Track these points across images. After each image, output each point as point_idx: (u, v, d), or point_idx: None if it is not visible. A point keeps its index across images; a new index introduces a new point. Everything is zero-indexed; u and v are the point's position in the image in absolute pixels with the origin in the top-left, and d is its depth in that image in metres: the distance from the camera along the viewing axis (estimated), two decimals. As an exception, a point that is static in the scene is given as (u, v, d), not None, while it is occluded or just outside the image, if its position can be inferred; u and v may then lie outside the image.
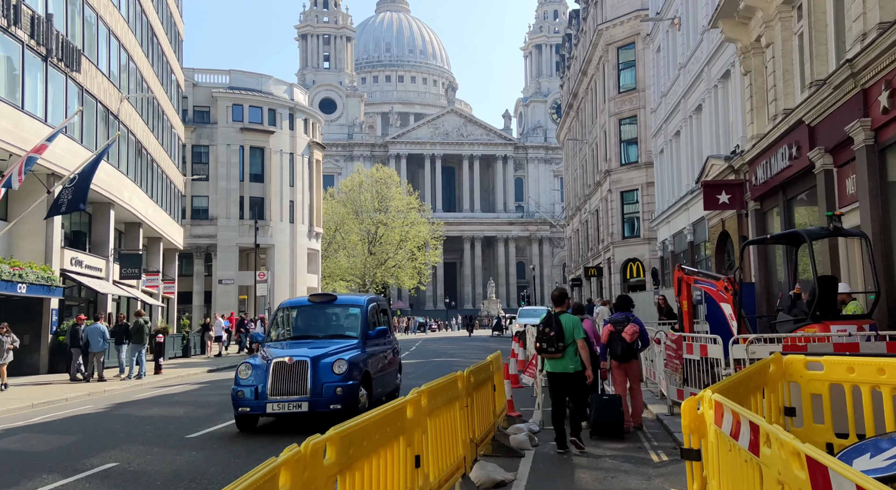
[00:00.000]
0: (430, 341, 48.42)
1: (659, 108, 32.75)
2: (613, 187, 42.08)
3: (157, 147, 41.67)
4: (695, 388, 11.97)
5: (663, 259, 33.77)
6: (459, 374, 8.30)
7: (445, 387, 7.38)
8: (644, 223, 39.95)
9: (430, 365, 25.60)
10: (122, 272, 33.55)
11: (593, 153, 49.10)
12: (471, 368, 8.85)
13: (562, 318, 9.58)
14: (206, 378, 24.46)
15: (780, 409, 7.76)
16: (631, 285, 40.54)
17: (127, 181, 34.59)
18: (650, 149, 38.72)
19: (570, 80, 59.89)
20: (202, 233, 59.28)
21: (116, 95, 33.14)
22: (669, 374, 13.10)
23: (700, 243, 27.13)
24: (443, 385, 7.30)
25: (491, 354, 11.22)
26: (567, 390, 9.73)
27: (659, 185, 33.56)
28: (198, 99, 59.76)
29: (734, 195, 20.87)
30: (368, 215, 78.48)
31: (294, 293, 61.80)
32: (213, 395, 18.40)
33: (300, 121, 63.88)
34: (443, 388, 7.27)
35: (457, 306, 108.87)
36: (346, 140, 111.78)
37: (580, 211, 56.43)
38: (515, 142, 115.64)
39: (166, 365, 29.92)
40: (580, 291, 55.79)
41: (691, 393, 12.06)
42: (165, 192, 44.33)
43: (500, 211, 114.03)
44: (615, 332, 11.38)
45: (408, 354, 32.26)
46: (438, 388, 7.11)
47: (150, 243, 43.88)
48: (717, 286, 13.39)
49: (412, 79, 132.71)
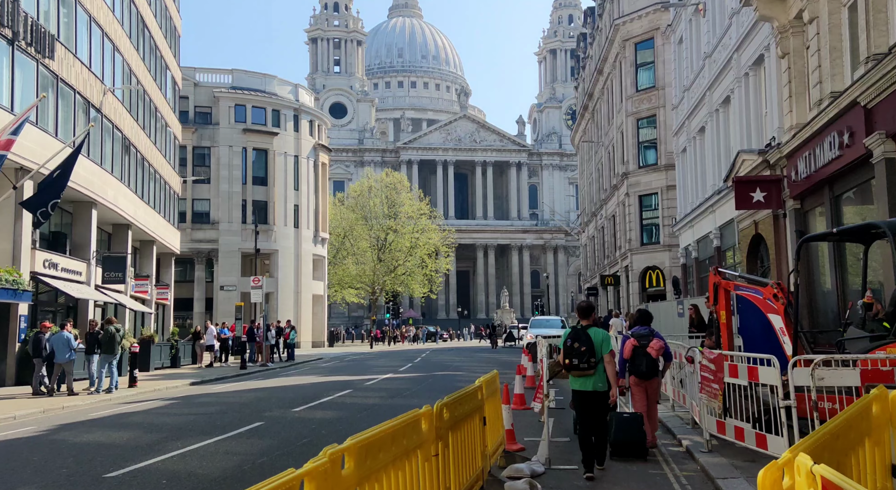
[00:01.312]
0: (437, 352, 46.03)
1: (681, 104, 30.33)
2: (631, 191, 39.61)
3: (149, 145, 39.63)
4: (739, 420, 9.59)
5: (686, 266, 31.26)
6: (426, 410, 5.95)
7: (396, 433, 5.00)
8: (664, 229, 37.45)
9: (429, 380, 23.23)
10: (105, 276, 31.42)
11: (609, 156, 46.67)
12: (445, 401, 6.50)
13: (591, 332, 8.94)
14: (184, 392, 22.20)
15: (886, 467, 5.39)
16: (650, 295, 38.01)
17: (111, 179, 32.51)
18: (670, 149, 36.29)
19: (585, 80, 57.52)
20: (203, 237, 57.37)
21: (99, 87, 31.08)
22: (705, 401, 10.68)
23: (728, 248, 24.64)
24: (391, 432, 4.92)
25: (482, 377, 8.86)
26: (593, 411, 9.02)
27: (681, 186, 31.09)
28: (199, 99, 57.92)
29: (770, 193, 18.43)
30: (378, 221, 76.47)
31: (299, 301, 59.72)
32: (175, 415, 16.12)
33: (305, 122, 61.88)
34: (392, 438, 4.90)
35: (470, 315, 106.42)
36: (357, 146, 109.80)
37: (596, 217, 53.94)
38: (529, 148, 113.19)
39: (148, 376, 27.86)
40: (596, 301, 53.23)
41: (736, 428, 9.66)
42: (159, 193, 42.27)
43: (514, 218, 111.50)
44: (639, 347, 10.53)
45: (410, 367, 29.92)
46: (383, 437, 4.74)
47: (142, 247, 41.87)
48: (763, 293, 11.00)
49: (425, 85, 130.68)
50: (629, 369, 10.55)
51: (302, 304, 60.23)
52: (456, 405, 6.84)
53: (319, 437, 12.24)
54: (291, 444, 11.66)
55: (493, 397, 9.32)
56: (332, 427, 13.31)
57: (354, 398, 17.98)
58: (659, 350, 10.51)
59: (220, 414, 15.73)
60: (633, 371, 10.53)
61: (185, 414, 16.11)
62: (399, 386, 21.17)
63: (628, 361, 10.53)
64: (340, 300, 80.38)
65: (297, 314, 59.44)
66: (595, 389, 8.88)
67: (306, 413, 15.34)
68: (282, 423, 13.92)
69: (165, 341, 34.61)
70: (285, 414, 15.29)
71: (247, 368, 31.67)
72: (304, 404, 16.71)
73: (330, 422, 13.99)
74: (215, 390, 22.31)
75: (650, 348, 10.42)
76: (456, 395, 7.13)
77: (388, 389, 20.09)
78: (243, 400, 18.75)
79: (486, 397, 8.67)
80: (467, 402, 7.49)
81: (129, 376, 23.88)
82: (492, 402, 9.09)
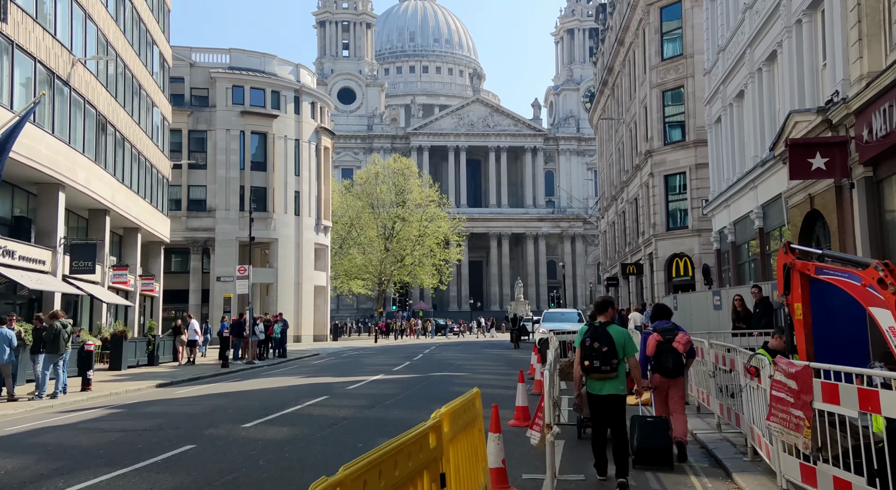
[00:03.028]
0: (443, 348, 42.91)
1: (715, 68, 26.86)
2: (656, 170, 36.15)
3: (132, 125, 36.65)
4: (840, 468, 6.37)
5: (720, 252, 27.84)
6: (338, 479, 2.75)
7: None
8: (693, 212, 34.01)
9: (423, 384, 20.07)
10: (73, 266, 28.45)
11: (631, 134, 43.18)
12: (372, 459, 3.43)
13: (611, 331, 8.22)
14: (141, 397, 19.19)
15: None
16: (676, 285, 34.62)
17: (82, 159, 29.54)
18: (700, 123, 32.86)
19: (605, 54, 53.89)
20: (199, 225, 54.51)
21: (67, 57, 28.06)
22: (778, 432, 7.45)
23: (774, 230, 21.24)
24: None
25: (445, 407, 5.65)
26: (611, 416, 8.23)
27: (715, 161, 27.64)
28: (195, 80, 54.95)
29: (833, 158, 15.05)
30: (385, 209, 73.38)
31: (300, 292, 56.76)
32: (100, 431, 13.08)
33: (307, 104, 58.75)
34: None
35: (483, 307, 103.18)
36: (366, 132, 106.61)
37: (616, 201, 50.45)
38: (545, 133, 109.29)
39: (115, 377, 24.96)
40: (616, 292, 49.84)
41: (839, 480, 6.42)
42: (144, 177, 39.33)
43: (529, 206, 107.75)
44: (664, 343, 9.58)
45: (406, 367, 26.78)
46: None
47: (125, 235, 39.02)
48: (862, 279, 7.70)
49: (437, 69, 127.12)
50: (653, 367, 9.62)
51: (303, 296, 57.28)
52: (392, 465, 3.70)
53: (252, 471, 9.20)
54: (210, 483, 8.59)
55: (467, 432, 6.16)
56: (276, 454, 10.23)
57: (325, 408, 14.88)
58: (686, 344, 9.55)
59: (153, 431, 12.70)
60: (658, 369, 9.59)
61: (112, 430, 13.10)
62: (385, 391, 18.05)
63: (652, 359, 9.61)
64: (347, 291, 77.70)
65: (297, 306, 56.58)
66: (616, 393, 8.14)
67: (256, 431, 12.26)
68: (217, 447, 10.89)
69: (142, 337, 31.60)
70: (230, 432, 12.24)
71: (229, 367, 28.70)
72: (262, 417, 13.64)
73: (277, 445, 10.90)
74: (177, 395, 19.34)
75: (676, 343, 9.47)
76: (389, 451, 3.96)
77: (370, 396, 16.97)
78: (196, 409, 15.71)
79: (453, 436, 5.52)
80: (412, 458, 4.32)
81: (82, 378, 20.94)
82: (463, 441, 5.94)
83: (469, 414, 6.31)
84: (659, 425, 9.23)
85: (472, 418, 6.40)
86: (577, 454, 10.03)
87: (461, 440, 5.84)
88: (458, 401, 5.97)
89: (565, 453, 10.09)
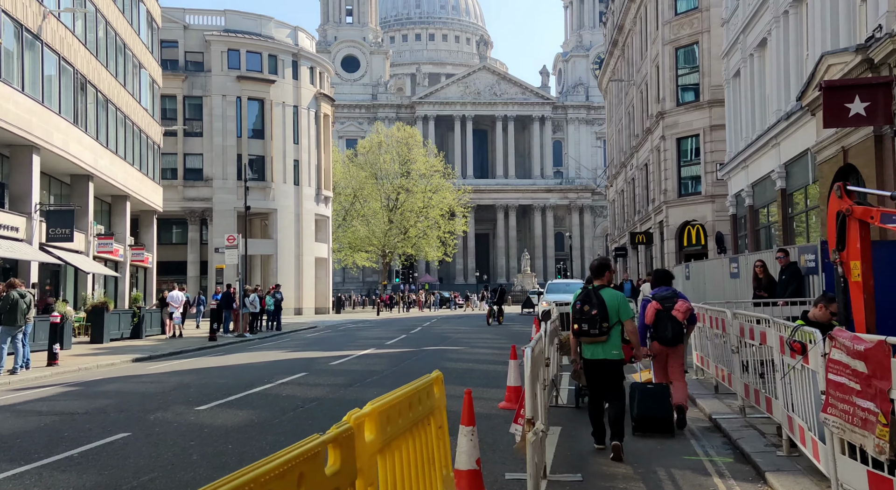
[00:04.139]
0: (444, 320, 41.33)
1: (734, 16, 24.77)
2: (668, 133, 34.12)
3: (117, 87, 34.84)
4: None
5: (736, 218, 25.96)
6: None
7: None
8: (707, 177, 32.07)
9: (413, 359, 18.43)
10: (50, 233, 26.83)
11: (642, 96, 41.06)
12: None
13: (604, 294, 7.88)
14: (113, 372, 17.61)
15: None
16: (688, 254, 32.77)
17: (58, 120, 27.81)
18: (716, 82, 30.84)
19: (615, 13, 51.46)
20: (197, 195, 52.93)
21: (37, 9, 26.20)
22: (838, 429, 5.69)
23: (798, 190, 19.35)
24: None
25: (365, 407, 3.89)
26: (606, 382, 7.96)
27: (732, 119, 25.65)
28: (190, 44, 53.01)
29: (875, 102, 13.12)
30: (389, 180, 71.54)
31: (300, 264, 55.19)
32: (36, 414, 11.48)
33: (305, 69, 56.75)
34: None
35: (489, 280, 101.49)
36: (370, 101, 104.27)
37: (625, 168, 48.39)
38: (554, 101, 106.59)
39: (93, 350, 23.41)
40: (625, 263, 48.01)
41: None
42: (132, 142, 37.61)
43: (537, 177, 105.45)
44: (663, 311, 9.21)
45: (401, 340, 25.17)
46: None
47: (114, 203, 37.43)
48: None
49: (443, 37, 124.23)
50: (651, 336, 9.32)
51: (304, 268, 55.72)
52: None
53: (177, 469, 7.57)
54: (116, 488, 6.94)
55: (416, 432, 4.48)
56: (216, 446, 8.61)
57: (297, 388, 13.24)
58: (686, 312, 9.23)
59: (94, 414, 11.12)
60: (657, 337, 9.26)
61: (50, 413, 11.49)
62: (370, 367, 16.41)
63: (651, 327, 9.31)
64: (351, 264, 76.24)
65: (298, 278, 55.10)
66: (608, 358, 7.91)
67: (209, 415, 10.64)
68: (153, 436, 9.31)
69: (126, 309, 30.07)
70: (179, 416, 10.65)
71: (217, 340, 27.13)
72: (223, 398, 12.04)
73: (223, 435, 9.26)
74: (148, 371, 17.72)
75: (676, 311, 9.14)
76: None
77: (352, 373, 15.34)
78: (157, 389, 14.10)
79: (388, 443, 3.84)
80: None
81: (49, 352, 19.39)
82: (408, 445, 4.24)
83: (422, 407, 4.58)
84: (659, 393, 8.97)
85: (426, 413, 4.68)
86: (575, 445, 8.37)
87: (403, 445, 4.14)
88: (398, 392, 4.24)
89: (562, 444, 8.44)
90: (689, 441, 8.62)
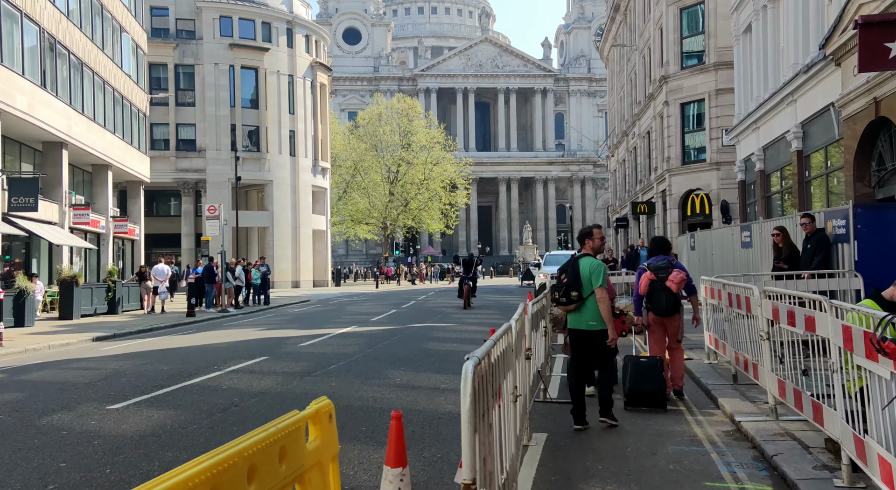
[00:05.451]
0: (440, 294, 39.94)
1: (744, -34, 22.93)
2: (671, 98, 32.37)
3: (94, 50, 33.19)
4: None
5: (744, 184, 24.32)
6: None
7: None
8: (712, 143, 30.38)
9: (394, 339, 17.03)
10: (12, 203, 25.32)
11: (645, 61, 39.21)
12: None
13: (581, 262, 7.78)
14: (61, 354, 16.13)
15: None
16: (691, 224, 31.16)
17: (23, 82, 26.18)
18: (722, 44, 29.11)
19: (618, -24, 49.36)
20: (190, 166, 51.55)
21: (-1, -35, 24.50)
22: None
23: (817, 150, 17.68)
24: None
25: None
26: (590, 353, 7.83)
27: (742, 78, 23.90)
28: (181, 10, 51.32)
29: (913, 44, 11.41)
30: (390, 152, 69.99)
31: (297, 236, 53.75)
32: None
33: (300, 37, 54.90)
34: None
35: (492, 252, 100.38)
36: (372, 74, 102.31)
37: (627, 136, 46.65)
38: (556, 73, 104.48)
39: (56, 327, 22.05)
40: (626, 234, 46.42)
41: None
42: (113, 109, 36.04)
43: (539, 150, 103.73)
44: (657, 281, 8.83)
45: (389, 316, 23.76)
46: None
47: (95, 172, 35.90)
48: None
49: (446, 10, 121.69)
50: (647, 306, 9.06)
51: (301, 240, 54.32)
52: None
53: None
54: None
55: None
56: (90, 471, 6.43)
57: (246, 377, 11.52)
58: (680, 283, 8.86)
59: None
60: (652, 308, 8.98)
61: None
62: (342, 349, 14.93)
63: (645, 298, 9.04)
64: (353, 237, 74.88)
65: (295, 251, 53.80)
66: (587, 328, 7.71)
67: (116, 417, 8.55)
68: (24, 451, 7.07)
69: (101, 282, 28.64)
70: (78, 420, 8.41)
71: (195, 316, 25.69)
72: (150, 392, 10.31)
73: (114, 449, 7.13)
74: (98, 353, 15.90)
75: (670, 282, 8.81)
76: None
77: (318, 357, 13.87)
78: (87, 377, 12.11)
79: None
80: None
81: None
82: None
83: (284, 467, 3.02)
84: (653, 366, 8.67)
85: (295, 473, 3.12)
86: (564, 464, 6.56)
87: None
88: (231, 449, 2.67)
89: (546, 461, 6.57)
90: (709, 454, 6.77)
